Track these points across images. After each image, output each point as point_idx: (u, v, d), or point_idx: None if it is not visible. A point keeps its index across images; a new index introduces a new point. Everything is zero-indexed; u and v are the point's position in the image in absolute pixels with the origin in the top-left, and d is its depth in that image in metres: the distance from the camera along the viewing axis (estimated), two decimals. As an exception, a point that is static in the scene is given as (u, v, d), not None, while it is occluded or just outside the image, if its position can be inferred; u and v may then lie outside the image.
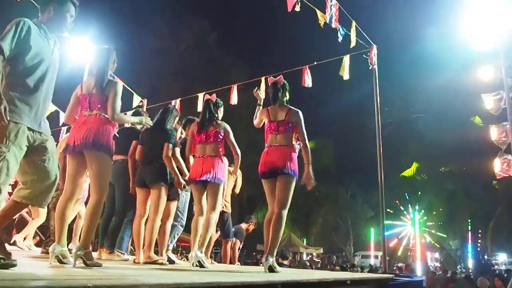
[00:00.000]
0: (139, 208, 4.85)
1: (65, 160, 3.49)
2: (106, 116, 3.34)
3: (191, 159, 4.77)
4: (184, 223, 5.60)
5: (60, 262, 3.08)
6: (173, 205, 5.11)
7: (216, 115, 4.66)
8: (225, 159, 4.69)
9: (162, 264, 4.55)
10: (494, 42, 8.65)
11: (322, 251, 29.57)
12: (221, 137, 4.55)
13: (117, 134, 4.01)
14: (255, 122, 4.53)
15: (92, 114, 3.35)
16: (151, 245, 4.64)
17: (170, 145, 4.72)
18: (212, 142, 4.52)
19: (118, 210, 5.19)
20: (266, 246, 3.94)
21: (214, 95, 4.80)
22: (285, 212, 3.99)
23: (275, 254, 3.93)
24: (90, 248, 3.14)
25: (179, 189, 5.04)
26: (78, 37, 8.02)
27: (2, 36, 2.63)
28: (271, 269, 3.74)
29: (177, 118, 5.18)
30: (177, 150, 4.82)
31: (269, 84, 4.45)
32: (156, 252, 4.87)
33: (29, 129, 2.73)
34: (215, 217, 4.49)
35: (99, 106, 3.35)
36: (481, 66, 8.92)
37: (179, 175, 4.74)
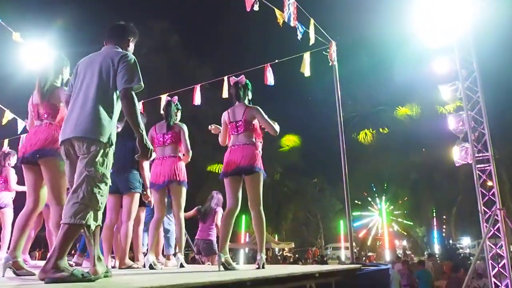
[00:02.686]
0: (110, 214, 4.75)
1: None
2: (53, 123, 3.33)
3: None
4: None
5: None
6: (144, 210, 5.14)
7: (175, 117, 4.69)
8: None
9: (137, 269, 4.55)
10: (448, 37, 8.92)
11: (293, 246, 29.84)
12: (178, 137, 4.58)
13: None
14: (221, 140, 4.49)
15: (42, 124, 3.34)
16: (126, 251, 4.62)
17: None
18: (171, 143, 4.55)
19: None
20: (222, 241, 4.04)
21: (175, 97, 4.82)
22: (261, 208, 4.10)
23: (264, 250, 4.11)
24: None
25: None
26: (35, 42, 7.78)
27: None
28: (225, 266, 3.84)
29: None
30: None
31: (231, 84, 4.49)
32: (132, 258, 4.86)
33: None
34: (182, 215, 4.56)
35: (45, 116, 3.34)
36: (437, 59, 9.19)
37: (148, 187, 4.69)
